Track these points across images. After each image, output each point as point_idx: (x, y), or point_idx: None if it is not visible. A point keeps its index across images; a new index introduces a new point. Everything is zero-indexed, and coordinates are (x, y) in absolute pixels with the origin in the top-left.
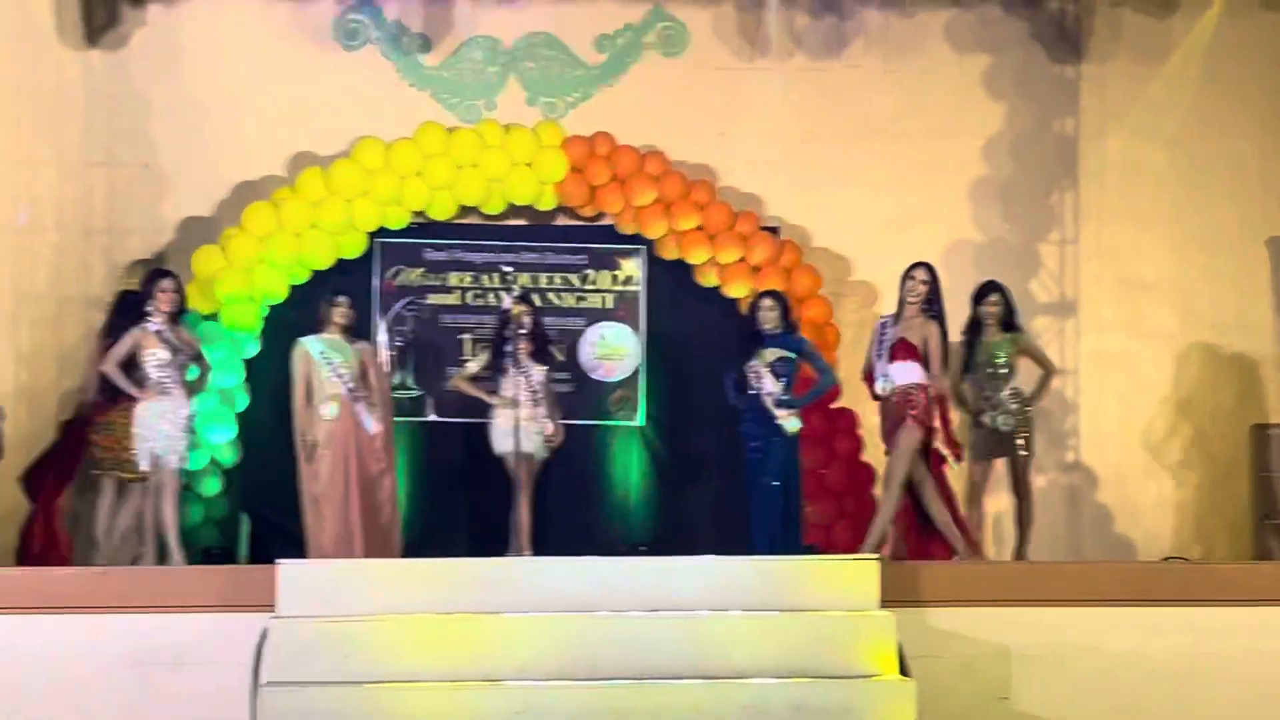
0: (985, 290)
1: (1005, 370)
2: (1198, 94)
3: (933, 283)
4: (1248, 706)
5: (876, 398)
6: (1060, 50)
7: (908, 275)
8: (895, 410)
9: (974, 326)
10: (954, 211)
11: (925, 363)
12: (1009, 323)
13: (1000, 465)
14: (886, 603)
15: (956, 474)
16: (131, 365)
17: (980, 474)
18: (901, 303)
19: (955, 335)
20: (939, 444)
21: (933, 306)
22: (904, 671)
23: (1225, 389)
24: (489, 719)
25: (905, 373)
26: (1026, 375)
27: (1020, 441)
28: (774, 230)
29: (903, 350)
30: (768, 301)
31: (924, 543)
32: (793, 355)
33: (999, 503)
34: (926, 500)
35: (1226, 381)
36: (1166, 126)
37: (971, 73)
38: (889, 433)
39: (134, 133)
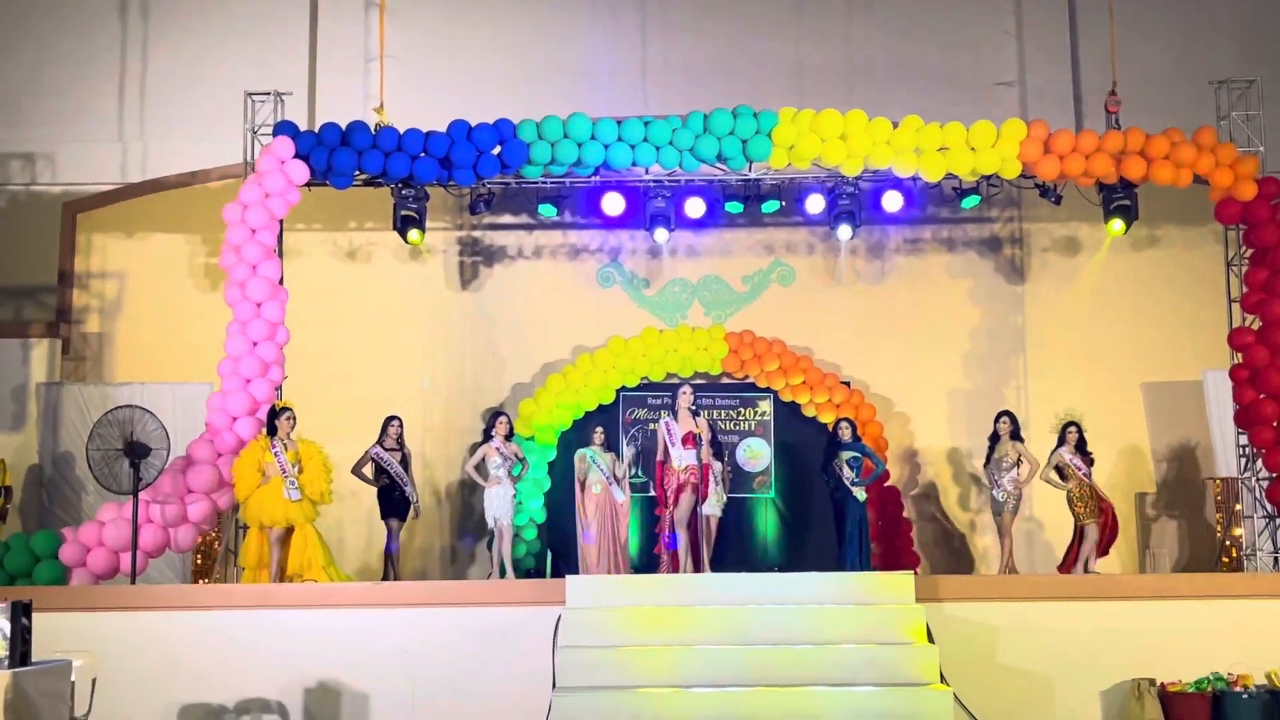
0: (1001, 415)
1: (1009, 464)
2: (1093, 300)
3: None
4: (1134, 661)
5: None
6: (1012, 277)
7: None
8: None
9: (994, 436)
10: (953, 371)
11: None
12: (1015, 434)
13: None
14: (919, 599)
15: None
16: (481, 466)
17: (999, 524)
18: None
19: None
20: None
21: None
22: (930, 640)
23: (1119, 472)
24: (686, 667)
25: None
26: None
27: (1011, 506)
28: (847, 383)
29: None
30: (844, 423)
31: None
32: (859, 455)
33: (986, 540)
34: None
35: (1121, 468)
36: (1075, 319)
37: (960, 291)
38: None
39: (487, 337)
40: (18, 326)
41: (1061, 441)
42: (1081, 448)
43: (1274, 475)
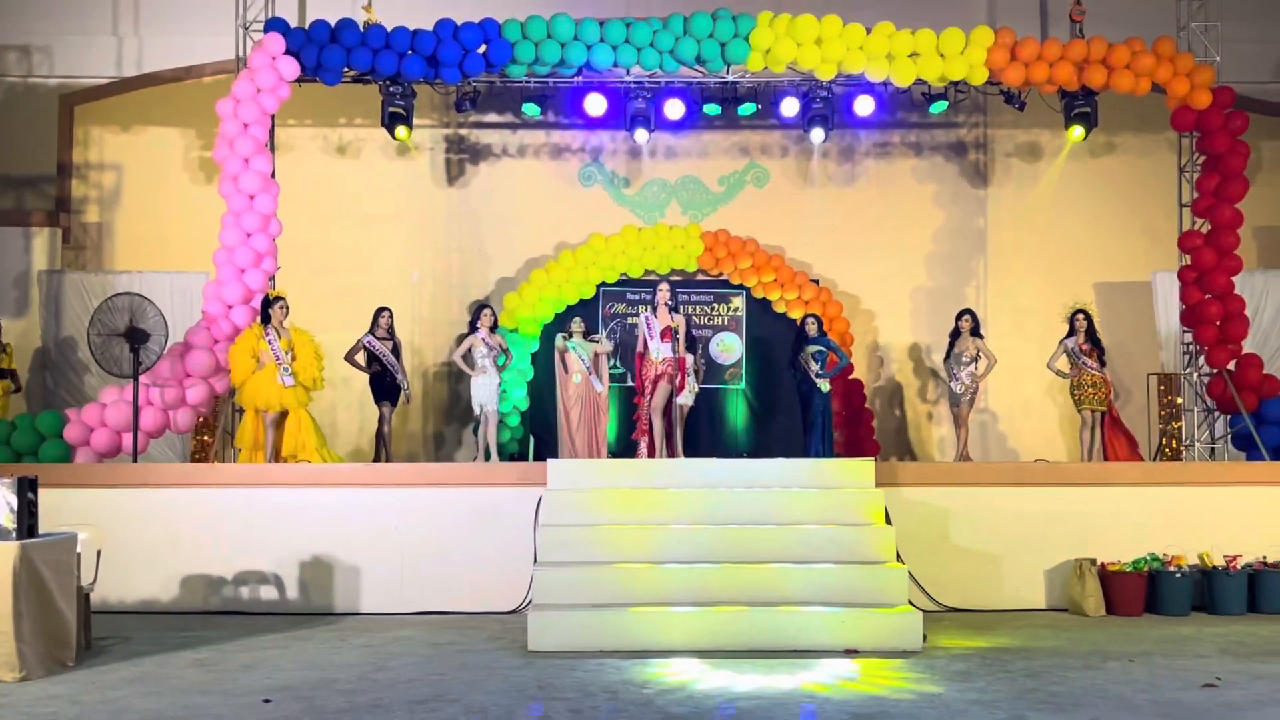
0: (962, 313)
1: (968, 359)
2: (1052, 204)
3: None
4: (1078, 542)
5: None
6: (975, 181)
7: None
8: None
9: (955, 333)
10: (917, 270)
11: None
12: (975, 330)
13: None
14: (879, 484)
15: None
16: (468, 355)
17: (955, 415)
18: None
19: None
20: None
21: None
22: (888, 522)
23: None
24: (659, 545)
25: None
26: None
27: (968, 398)
28: (816, 281)
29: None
30: (810, 319)
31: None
32: (825, 349)
33: (943, 430)
34: None
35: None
36: (1035, 222)
37: (926, 194)
38: None
39: (473, 233)
40: (19, 215)
41: (1071, 330)
42: (1091, 336)
43: (1214, 371)
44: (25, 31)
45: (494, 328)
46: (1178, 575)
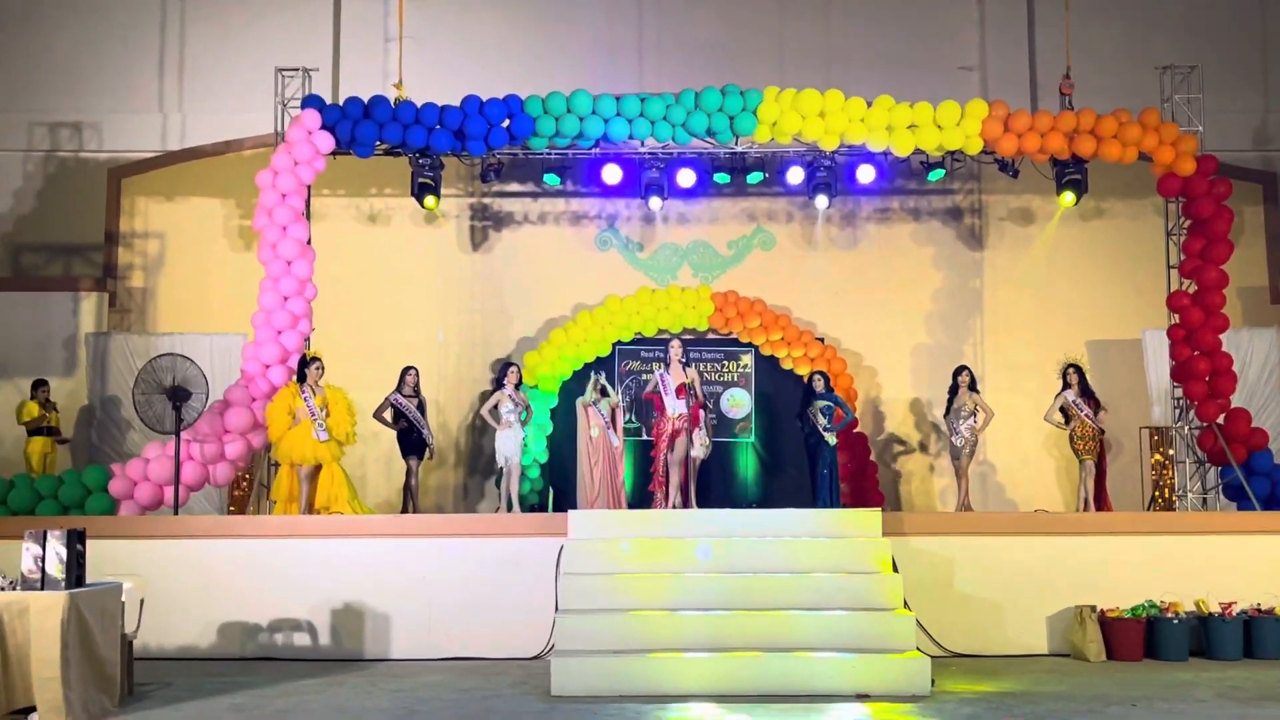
0: (960, 369)
1: (967, 413)
2: (1045, 265)
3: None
4: (1077, 590)
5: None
6: (971, 244)
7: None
8: None
9: (953, 388)
10: (917, 328)
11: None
12: (972, 385)
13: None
14: (885, 533)
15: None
16: (494, 411)
17: (956, 467)
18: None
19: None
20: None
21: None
22: (895, 570)
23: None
24: (676, 593)
25: None
26: None
27: (968, 451)
28: (821, 339)
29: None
30: (818, 376)
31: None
32: (831, 404)
33: (944, 481)
34: None
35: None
36: (1029, 283)
37: (925, 256)
38: None
39: (495, 295)
40: (68, 281)
41: (1066, 385)
42: (1084, 389)
43: (1204, 425)
44: (78, 109)
45: (519, 385)
46: (1175, 621)
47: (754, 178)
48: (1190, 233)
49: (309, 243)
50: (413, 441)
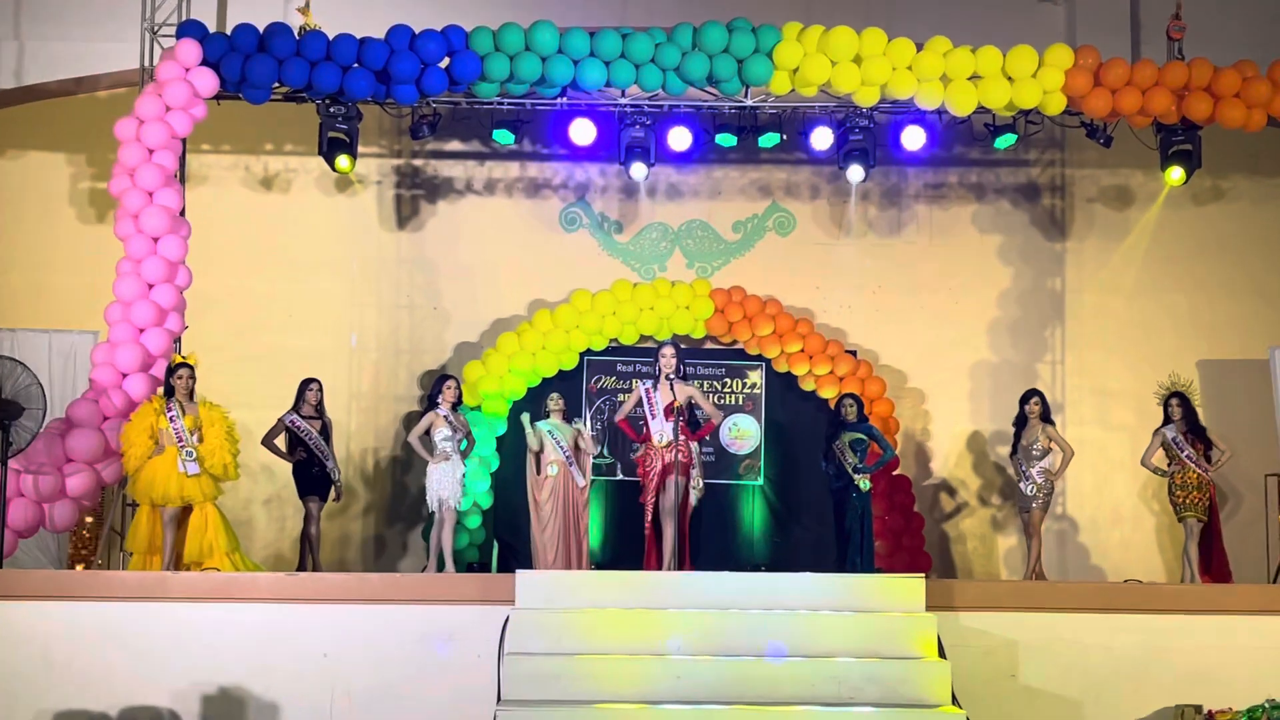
0: (1029, 395)
1: (1039, 452)
2: (1145, 262)
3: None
4: (1179, 684)
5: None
6: (1051, 232)
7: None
8: None
9: (1021, 420)
10: (977, 341)
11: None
12: (1045, 416)
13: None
14: (930, 607)
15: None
16: (426, 438)
17: (1025, 522)
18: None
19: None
20: None
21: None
22: (942, 655)
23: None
24: (656, 682)
25: None
26: None
27: (1041, 501)
28: (853, 353)
29: None
30: (848, 400)
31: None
32: (865, 437)
33: (1010, 541)
34: None
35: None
36: (1124, 284)
37: (989, 247)
38: None
39: (427, 287)
40: None
41: (1168, 418)
42: (1191, 423)
43: None
44: None
45: (457, 405)
46: None
47: (768, 140)
48: None
49: (183, 214)
50: (313, 477)
